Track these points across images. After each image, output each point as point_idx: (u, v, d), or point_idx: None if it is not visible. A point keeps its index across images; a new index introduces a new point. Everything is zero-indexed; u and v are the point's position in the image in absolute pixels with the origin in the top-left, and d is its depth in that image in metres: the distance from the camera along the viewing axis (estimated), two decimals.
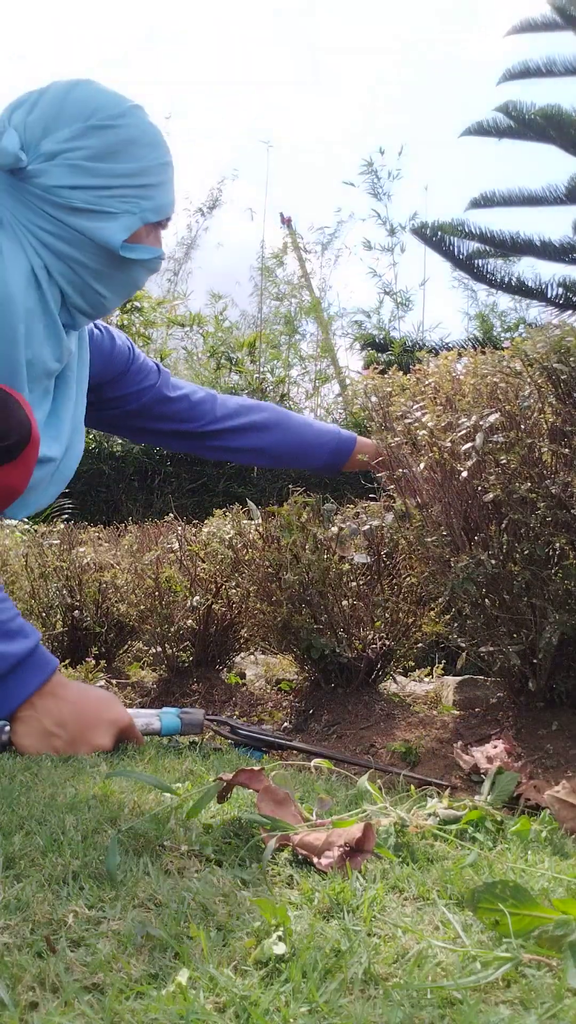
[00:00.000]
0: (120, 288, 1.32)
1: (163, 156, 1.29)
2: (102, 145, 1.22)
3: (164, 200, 1.30)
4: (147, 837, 0.73)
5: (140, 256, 1.29)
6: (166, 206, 1.31)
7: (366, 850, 0.71)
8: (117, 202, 1.24)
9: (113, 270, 1.29)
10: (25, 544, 2.58)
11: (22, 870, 0.65)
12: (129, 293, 1.34)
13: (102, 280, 1.29)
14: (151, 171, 1.27)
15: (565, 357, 1.22)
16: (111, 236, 1.24)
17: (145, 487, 7.66)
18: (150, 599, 1.99)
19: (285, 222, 10.56)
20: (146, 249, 1.30)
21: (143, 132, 1.26)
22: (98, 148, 1.22)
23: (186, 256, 11.49)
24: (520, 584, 1.26)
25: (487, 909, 0.57)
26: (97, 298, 1.30)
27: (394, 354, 7.56)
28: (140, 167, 1.25)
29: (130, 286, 1.33)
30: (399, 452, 1.46)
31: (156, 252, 1.32)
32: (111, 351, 1.55)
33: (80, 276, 1.27)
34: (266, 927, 0.55)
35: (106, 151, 1.22)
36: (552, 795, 0.97)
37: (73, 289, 1.27)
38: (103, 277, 1.29)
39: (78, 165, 1.21)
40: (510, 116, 5.15)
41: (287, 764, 1.16)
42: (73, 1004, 0.46)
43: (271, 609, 1.67)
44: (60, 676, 1.19)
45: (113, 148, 1.23)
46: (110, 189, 1.23)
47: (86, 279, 1.27)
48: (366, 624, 1.63)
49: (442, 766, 1.30)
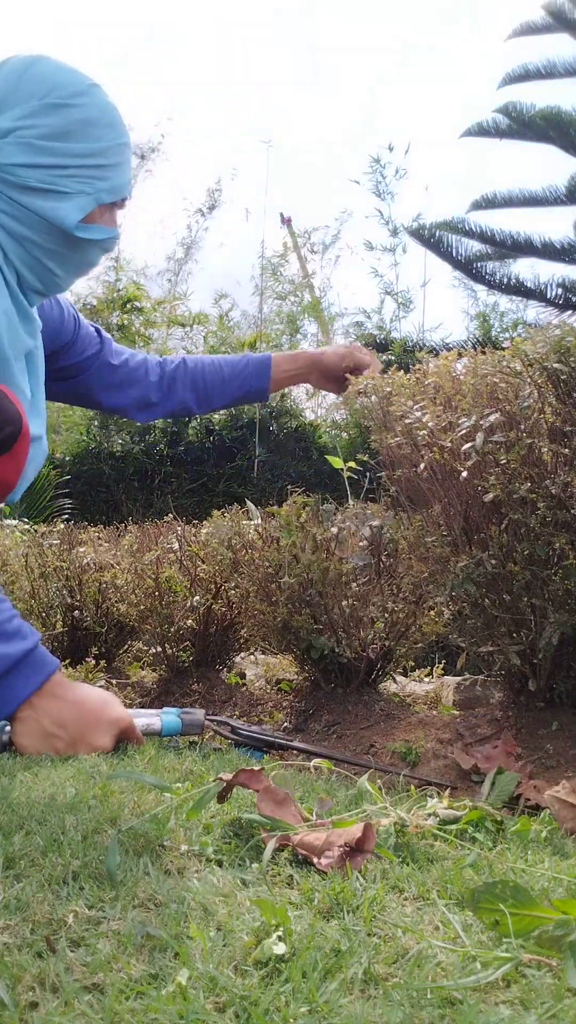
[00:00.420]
0: (74, 267, 1.32)
1: (120, 137, 1.27)
2: (58, 124, 1.21)
3: (120, 181, 1.29)
4: (147, 837, 0.73)
5: (94, 236, 1.29)
6: (121, 187, 1.30)
7: (366, 850, 0.71)
8: (72, 182, 1.23)
9: (67, 249, 1.28)
10: (25, 544, 2.58)
11: (22, 870, 0.65)
12: (83, 272, 1.34)
13: (55, 259, 1.28)
14: (107, 152, 1.26)
15: (565, 357, 1.22)
16: (65, 216, 1.24)
17: (145, 487, 7.66)
18: (150, 599, 1.99)
19: (285, 222, 10.57)
20: (100, 229, 1.29)
21: (101, 112, 1.24)
22: (54, 127, 1.21)
23: (187, 256, 11.49)
24: (520, 584, 1.26)
25: (487, 909, 0.57)
26: (51, 277, 1.30)
27: (395, 354, 7.56)
28: (97, 147, 1.24)
29: (84, 265, 1.33)
30: (399, 452, 1.46)
31: (110, 232, 1.31)
32: (61, 319, 1.55)
33: (33, 255, 1.26)
34: (266, 927, 0.55)
35: (62, 130, 1.21)
36: (552, 795, 0.97)
37: (26, 268, 1.27)
38: (56, 256, 1.28)
39: (32, 143, 1.20)
40: (510, 117, 5.16)
41: (287, 764, 1.16)
42: (73, 1004, 0.46)
43: (271, 609, 1.67)
44: (60, 676, 1.19)
45: (69, 127, 1.21)
46: (65, 169, 1.22)
47: (39, 258, 1.26)
48: (366, 624, 1.63)
49: (442, 766, 1.30)
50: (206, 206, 11.38)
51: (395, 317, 9.54)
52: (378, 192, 9.51)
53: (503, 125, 5.28)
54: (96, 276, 10.13)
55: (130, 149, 1.32)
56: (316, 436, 7.66)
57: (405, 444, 1.44)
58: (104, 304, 8.81)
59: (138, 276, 9.97)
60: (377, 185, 9.44)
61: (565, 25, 5.17)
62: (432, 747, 1.36)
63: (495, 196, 5.45)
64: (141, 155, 10.64)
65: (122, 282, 9.19)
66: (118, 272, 9.37)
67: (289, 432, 7.68)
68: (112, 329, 8.82)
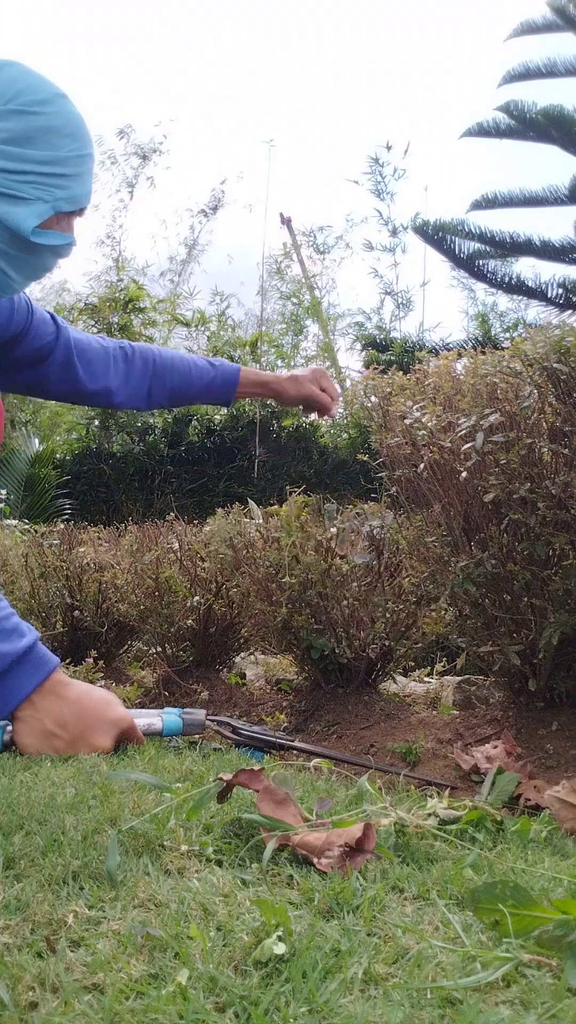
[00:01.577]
0: (29, 271, 1.32)
1: (82, 148, 1.28)
2: (20, 130, 1.21)
3: (79, 191, 1.29)
4: (147, 837, 0.73)
5: (51, 242, 1.28)
6: (81, 197, 1.30)
7: (366, 850, 0.71)
8: (31, 188, 1.23)
9: (22, 253, 1.28)
10: (25, 544, 2.58)
11: (22, 870, 0.65)
12: (38, 276, 1.34)
13: (10, 262, 1.28)
14: (68, 161, 1.26)
15: (565, 357, 1.22)
16: (22, 221, 1.24)
17: (145, 487, 7.66)
18: (150, 599, 1.99)
19: (285, 222, 10.56)
20: (57, 235, 1.29)
21: (65, 122, 1.25)
22: (15, 132, 1.21)
23: (189, 257, 11.50)
24: (520, 584, 1.26)
25: (487, 909, 0.57)
26: (4, 279, 1.30)
27: (394, 354, 7.57)
28: (57, 156, 1.24)
29: (40, 270, 1.33)
30: (399, 452, 1.46)
31: (67, 239, 1.31)
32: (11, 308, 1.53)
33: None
34: (266, 927, 0.55)
35: (23, 136, 1.21)
36: (552, 795, 0.97)
37: None
38: (11, 259, 1.28)
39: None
40: (511, 116, 5.15)
41: (287, 764, 1.16)
42: (73, 1004, 0.46)
43: (271, 609, 1.67)
44: (61, 675, 1.19)
45: (31, 134, 1.22)
46: (24, 175, 1.23)
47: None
48: (366, 624, 1.63)
49: (442, 766, 1.30)
50: (210, 206, 11.39)
51: (394, 317, 9.55)
52: (377, 192, 9.52)
53: (504, 125, 5.28)
54: (97, 276, 10.14)
55: (92, 160, 1.32)
56: (316, 436, 7.66)
57: (405, 444, 1.44)
58: (105, 304, 8.82)
59: (139, 276, 9.98)
60: (377, 185, 9.45)
61: (567, 23, 5.17)
62: (432, 747, 1.36)
63: (496, 196, 5.45)
64: (143, 155, 10.64)
65: (123, 282, 9.20)
66: (119, 272, 9.38)
67: (289, 432, 7.68)
68: (113, 329, 8.82)
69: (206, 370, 1.70)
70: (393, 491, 1.55)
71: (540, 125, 5.09)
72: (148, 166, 10.68)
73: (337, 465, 7.24)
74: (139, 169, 10.67)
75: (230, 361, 2.26)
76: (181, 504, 6.37)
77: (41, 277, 1.37)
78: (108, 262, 10.13)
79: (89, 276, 10.99)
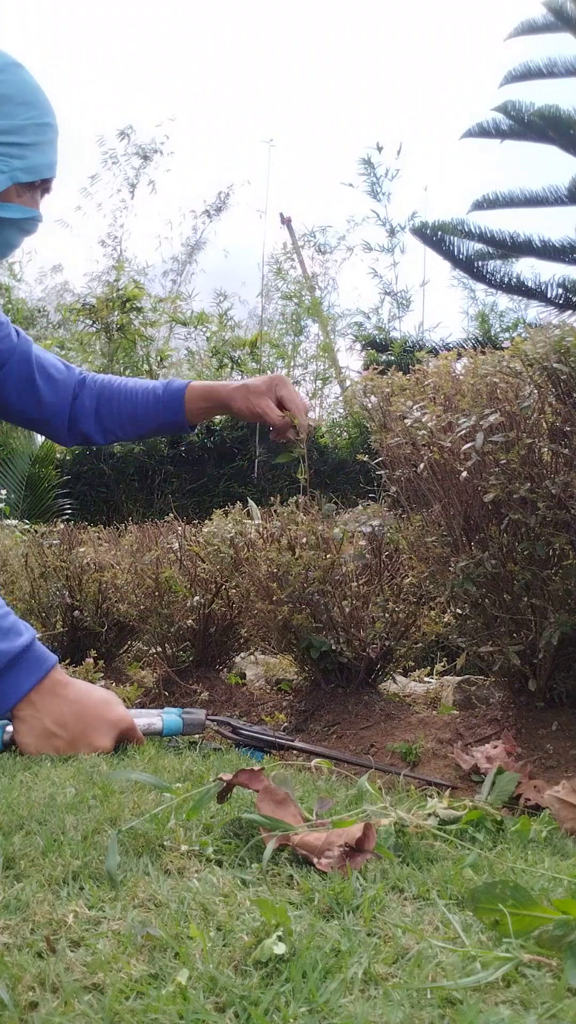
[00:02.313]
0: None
1: (40, 117, 1.25)
2: None
3: (39, 161, 1.26)
4: (147, 837, 0.73)
5: (11, 215, 1.25)
6: (41, 167, 1.26)
7: (366, 850, 0.71)
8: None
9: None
10: (25, 544, 2.58)
11: (22, 870, 0.65)
12: (3, 254, 1.30)
13: None
14: (24, 130, 1.23)
15: (565, 357, 1.22)
16: None
17: (145, 487, 7.66)
18: (150, 599, 1.99)
19: (285, 222, 10.56)
20: (18, 208, 1.26)
21: (19, 90, 1.22)
22: None
23: (190, 257, 11.50)
24: (520, 584, 1.26)
25: (487, 909, 0.57)
26: None
27: (394, 354, 7.57)
28: (12, 125, 1.21)
29: (3, 246, 1.29)
30: (399, 452, 1.46)
31: (30, 212, 1.28)
32: None
33: None
34: (266, 927, 0.55)
35: None
36: (552, 795, 0.97)
37: None
38: None
39: None
40: (510, 116, 5.16)
41: (287, 764, 1.16)
42: (73, 1004, 0.46)
43: (271, 608, 1.67)
44: (60, 674, 1.19)
45: None
46: None
47: None
48: (366, 624, 1.63)
49: (442, 766, 1.30)
50: (213, 208, 11.39)
51: (394, 317, 9.55)
52: (373, 193, 9.52)
53: (503, 125, 5.28)
54: (97, 276, 10.14)
55: (54, 130, 1.27)
56: (316, 436, 7.66)
57: (405, 444, 1.44)
58: (103, 303, 8.81)
59: (139, 276, 9.98)
60: (372, 186, 9.45)
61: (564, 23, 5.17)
62: (432, 747, 1.36)
63: (496, 197, 5.45)
64: (144, 155, 10.63)
65: (122, 281, 9.19)
66: (119, 272, 9.37)
67: None
68: (112, 329, 8.82)
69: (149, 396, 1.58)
70: (393, 491, 1.55)
71: (537, 126, 5.10)
72: (149, 166, 10.69)
73: (337, 465, 7.24)
74: (140, 169, 10.68)
75: (231, 361, 2.24)
76: (181, 504, 6.37)
77: (6, 255, 1.33)
78: (109, 262, 10.13)
79: (90, 276, 11.00)
